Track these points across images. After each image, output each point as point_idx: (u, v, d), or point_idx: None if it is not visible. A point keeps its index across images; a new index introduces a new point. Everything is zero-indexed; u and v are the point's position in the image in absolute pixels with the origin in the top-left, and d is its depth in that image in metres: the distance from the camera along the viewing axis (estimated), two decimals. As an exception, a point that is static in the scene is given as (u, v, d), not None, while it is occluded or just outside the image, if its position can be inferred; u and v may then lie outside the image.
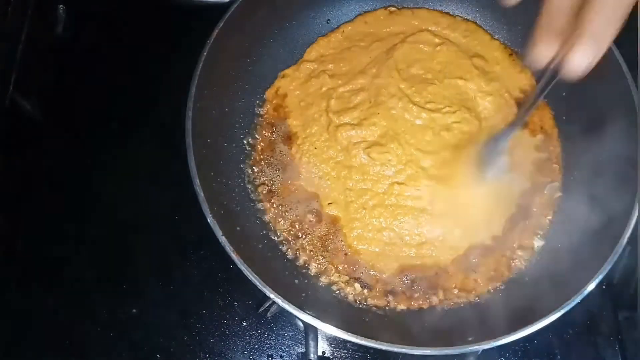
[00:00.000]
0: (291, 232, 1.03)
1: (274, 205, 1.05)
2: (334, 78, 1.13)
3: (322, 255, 1.01)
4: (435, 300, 0.98)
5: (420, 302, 0.98)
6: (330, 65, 1.15)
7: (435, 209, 1.02)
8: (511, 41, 1.12)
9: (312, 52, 1.17)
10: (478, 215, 1.02)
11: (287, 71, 1.15)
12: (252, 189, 1.06)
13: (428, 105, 1.08)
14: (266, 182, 1.06)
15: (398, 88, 1.10)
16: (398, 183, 1.03)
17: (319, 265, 1.00)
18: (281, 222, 1.04)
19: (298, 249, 1.02)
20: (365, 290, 0.99)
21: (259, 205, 1.05)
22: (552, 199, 1.05)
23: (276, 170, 1.07)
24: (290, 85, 1.14)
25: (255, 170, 1.07)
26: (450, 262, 1.00)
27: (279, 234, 1.03)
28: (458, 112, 1.07)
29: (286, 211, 1.04)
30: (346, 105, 1.10)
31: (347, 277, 1.00)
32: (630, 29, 1.00)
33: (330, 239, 1.02)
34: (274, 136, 1.11)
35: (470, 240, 1.01)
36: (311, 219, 1.04)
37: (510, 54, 1.16)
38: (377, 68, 1.12)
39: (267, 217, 1.04)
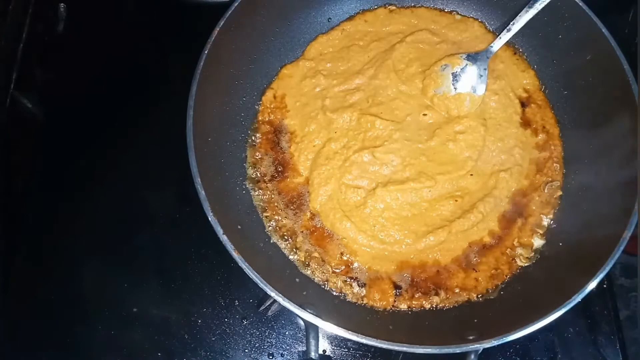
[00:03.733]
0: (291, 231, 1.03)
1: (274, 204, 1.05)
2: (329, 78, 1.13)
3: (319, 254, 1.01)
4: (436, 299, 0.98)
5: (422, 301, 0.98)
6: (328, 65, 1.15)
7: (433, 208, 1.03)
8: (514, 39, 1.12)
9: (311, 50, 1.17)
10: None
11: (285, 70, 1.15)
12: (253, 187, 1.06)
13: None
14: (266, 181, 1.07)
15: (398, 90, 1.11)
16: (396, 182, 1.03)
17: (317, 264, 1.00)
18: (281, 221, 1.04)
19: (298, 247, 1.02)
20: (364, 290, 0.99)
21: (260, 204, 1.05)
22: (552, 198, 1.05)
23: (276, 169, 1.08)
24: (287, 85, 1.14)
25: (256, 169, 1.07)
26: (450, 261, 1.01)
27: (279, 232, 1.03)
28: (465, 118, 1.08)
29: (286, 209, 1.05)
30: (341, 104, 1.10)
31: (344, 277, 1.00)
32: (630, 29, 1.01)
33: (328, 237, 1.02)
34: (273, 135, 1.11)
35: (469, 238, 1.02)
36: (310, 218, 1.04)
37: (514, 53, 1.16)
38: (375, 69, 1.12)
39: (267, 216, 1.04)
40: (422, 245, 1.00)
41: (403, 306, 0.98)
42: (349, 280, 0.99)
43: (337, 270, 1.00)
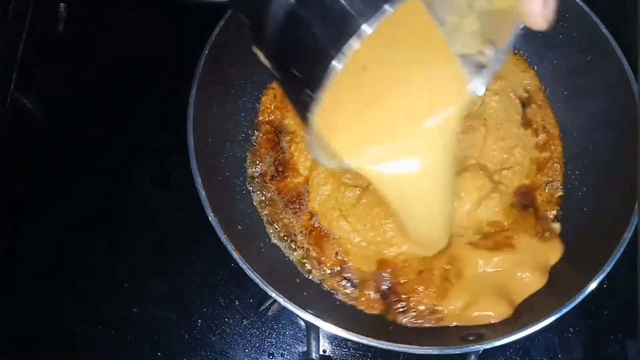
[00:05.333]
0: (290, 231, 1.03)
1: (274, 203, 1.05)
2: None
3: (316, 254, 1.01)
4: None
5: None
6: None
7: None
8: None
9: None
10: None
11: None
12: (253, 187, 1.06)
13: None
14: (266, 180, 1.06)
15: None
16: None
17: (314, 264, 1.00)
18: (281, 220, 1.04)
19: (296, 247, 1.01)
20: (357, 291, 0.98)
21: (260, 204, 1.05)
22: (552, 198, 1.05)
23: (277, 169, 1.07)
24: None
25: (256, 169, 1.07)
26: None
27: (278, 232, 1.03)
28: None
29: (285, 209, 1.04)
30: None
31: (338, 278, 0.99)
32: (631, 28, 1.00)
33: (324, 237, 1.02)
34: (274, 134, 1.10)
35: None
36: (309, 217, 1.04)
37: (514, 53, 1.16)
38: None
39: (267, 215, 1.04)
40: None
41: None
42: (340, 281, 0.99)
43: (332, 271, 1.00)
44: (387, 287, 0.97)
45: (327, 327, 0.81)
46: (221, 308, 1.05)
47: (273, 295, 0.82)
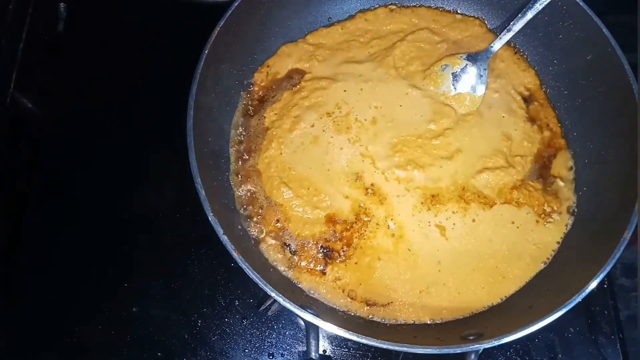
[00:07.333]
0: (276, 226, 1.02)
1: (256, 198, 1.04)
2: (323, 64, 1.13)
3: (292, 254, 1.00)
4: None
5: None
6: (326, 52, 1.15)
7: None
8: (514, 39, 1.11)
9: (310, 39, 1.17)
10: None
11: (284, 48, 1.14)
12: (235, 184, 1.05)
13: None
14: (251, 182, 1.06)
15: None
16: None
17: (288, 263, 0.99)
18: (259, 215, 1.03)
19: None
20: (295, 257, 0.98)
21: (243, 199, 1.04)
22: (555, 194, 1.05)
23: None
24: (282, 64, 1.13)
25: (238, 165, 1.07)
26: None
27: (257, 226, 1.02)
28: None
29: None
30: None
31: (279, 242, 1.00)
32: (631, 28, 1.00)
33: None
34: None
35: None
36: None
37: (515, 52, 1.16)
38: (376, 64, 1.12)
39: (249, 212, 1.03)
40: None
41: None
42: (284, 246, 0.98)
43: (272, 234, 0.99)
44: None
45: (327, 327, 0.81)
46: (221, 308, 1.05)
47: (272, 294, 0.82)
